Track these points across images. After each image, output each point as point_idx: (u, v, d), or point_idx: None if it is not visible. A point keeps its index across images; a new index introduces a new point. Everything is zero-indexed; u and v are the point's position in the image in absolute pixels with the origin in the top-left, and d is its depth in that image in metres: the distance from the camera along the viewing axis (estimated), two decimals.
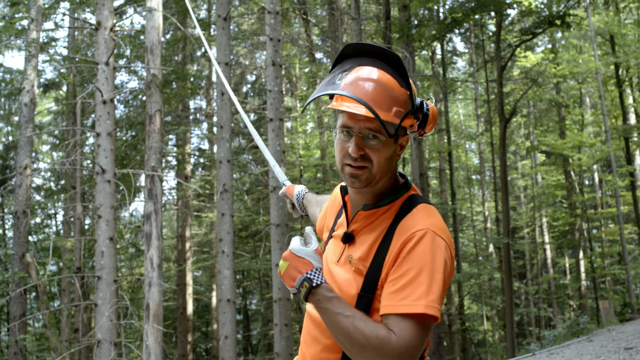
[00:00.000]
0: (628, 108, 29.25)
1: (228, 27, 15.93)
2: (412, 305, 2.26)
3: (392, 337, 2.23)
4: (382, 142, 2.45)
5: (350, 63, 2.53)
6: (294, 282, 2.38)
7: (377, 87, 2.43)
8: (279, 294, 15.08)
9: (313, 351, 2.61)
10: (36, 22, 18.22)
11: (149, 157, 12.84)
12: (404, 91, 2.47)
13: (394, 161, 2.56)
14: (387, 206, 2.56)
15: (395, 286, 2.33)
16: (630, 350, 11.48)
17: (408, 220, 2.45)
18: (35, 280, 16.19)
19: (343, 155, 2.51)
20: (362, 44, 2.50)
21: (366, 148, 2.46)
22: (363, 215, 2.59)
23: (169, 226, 38.23)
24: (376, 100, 2.40)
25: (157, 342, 12.07)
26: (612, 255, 33.92)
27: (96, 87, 12.69)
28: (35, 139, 31.03)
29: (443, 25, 20.31)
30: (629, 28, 26.07)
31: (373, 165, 2.47)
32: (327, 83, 2.51)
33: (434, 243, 2.37)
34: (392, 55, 2.44)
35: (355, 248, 2.57)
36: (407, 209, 2.51)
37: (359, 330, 2.25)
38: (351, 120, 2.46)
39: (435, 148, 32.10)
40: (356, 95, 2.37)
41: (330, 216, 2.93)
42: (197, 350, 33.22)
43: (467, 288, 30.69)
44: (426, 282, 2.29)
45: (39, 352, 28.14)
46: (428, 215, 2.47)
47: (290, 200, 3.50)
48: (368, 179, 2.49)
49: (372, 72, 2.47)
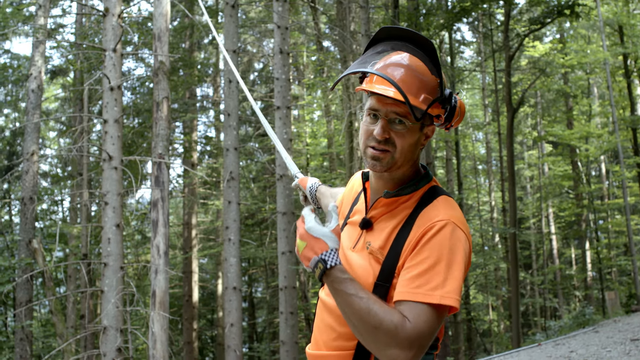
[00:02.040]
0: (636, 99, 29.20)
1: (236, 15, 15.90)
2: (428, 295, 2.26)
3: (407, 324, 2.22)
4: (407, 128, 2.46)
5: (383, 46, 2.54)
6: (309, 262, 2.34)
7: (408, 71, 2.45)
8: (285, 282, 15.10)
9: (326, 338, 2.59)
10: (44, 9, 18.19)
11: (156, 144, 12.84)
12: (435, 78, 2.48)
13: (418, 149, 2.56)
14: (408, 195, 2.56)
15: (412, 273, 2.33)
16: (637, 341, 11.48)
17: (429, 210, 2.46)
18: (42, 266, 16.23)
19: (367, 137, 2.52)
20: (396, 28, 2.49)
21: (391, 132, 2.47)
22: (383, 202, 2.59)
23: (176, 214, 38.28)
24: (406, 83, 2.42)
25: (162, 329, 12.09)
26: (618, 247, 33.87)
27: (103, 73, 12.68)
28: (43, 125, 31.09)
29: (451, 14, 20.24)
30: (638, 18, 25.99)
31: (396, 150, 2.47)
32: (359, 63, 2.53)
33: (454, 234, 2.37)
34: (426, 41, 2.43)
35: (373, 235, 2.56)
36: (429, 199, 2.51)
37: (373, 312, 2.22)
38: (379, 103, 2.47)
39: (442, 137, 32.06)
40: (387, 76, 2.37)
41: (346, 204, 2.93)
42: (203, 338, 33.28)
43: (473, 278, 30.66)
44: (443, 272, 2.29)
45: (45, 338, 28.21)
46: (449, 207, 2.47)
47: (303, 192, 3.48)
48: (389, 163, 2.49)
49: (404, 57, 2.50)
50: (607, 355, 10.72)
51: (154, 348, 11.96)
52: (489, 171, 37.26)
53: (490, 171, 37.15)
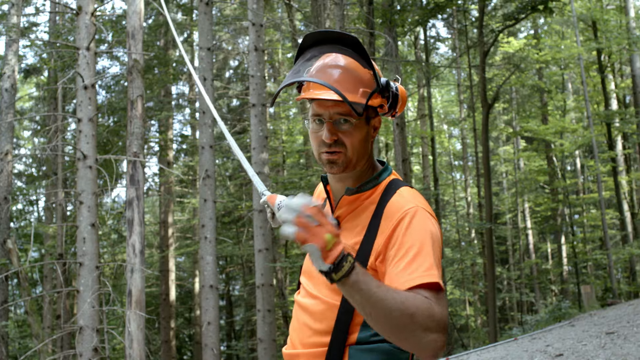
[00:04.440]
0: (610, 94, 29.39)
1: (210, 12, 15.85)
2: (429, 275, 2.24)
3: (435, 306, 2.18)
4: (353, 125, 2.48)
5: (312, 52, 2.56)
6: (335, 259, 2.11)
7: (341, 70, 2.48)
8: (262, 279, 15.10)
9: (302, 336, 2.59)
10: (17, 7, 18.07)
11: (131, 142, 12.78)
12: (367, 71, 2.51)
13: (369, 143, 2.59)
14: (370, 190, 2.58)
15: (404, 262, 2.30)
16: (612, 334, 11.56)
17: (395, 201, 2.47)
18: (17, 266, 16.11)
19: (318, 143, 2.54)
20: (319, 32, 2.52)
21: (339, 133, 2.49)
22: (347, 200, 2.61)
23: (152, 212, 38.17)
24: (341, 83, 2.44)
25: (139, 329, 12.04)
26: (593, 241, 34.08)
27: (77, 72, 12.60)
28: (17, 124, 30.87)
29: (426, 10, 20.32)
30: (611, 14, 26.18)
31: (347, 149, 2.49)
32: (293, 73, 2.55)
33: (426, 220, 2.40)
34: (351, 38, 2.45)
35: (343, 234, 2.55)
36: (392, 191, 2.53)
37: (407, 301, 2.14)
38: (320, 107, 2.50)
39: (418, 134, 32.15)
40: (322, 80, 2.40)
41: None
42: (180, 336, 33.22)
43: (450, 273, 30.76)
44: (430, 255, 2.30)
45: (21, 338, 28.07)
46: (414, 196, 2.50)
47: (271, 209, 3.49)
48: (345, 163, 2.51)
49: (334, 57, 2.52)
50: (583, 349, 10.79)
51: (130, 347, 11.91)
52: (465, 167, 37.41)
53: (466, 167, 37.30)
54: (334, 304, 2.48)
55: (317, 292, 2.58)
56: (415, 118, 33.57)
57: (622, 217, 27.86)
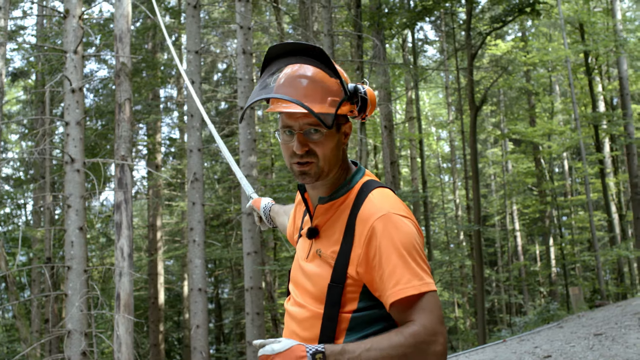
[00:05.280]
0: (597, 96, 29.49)
1: (198, 15, 15.85)
2: (405, 289, 2.31)
3: (414, 328, 2.28)
4: (323, 135, 2.50)
5: (277, 64, 2.57)
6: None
7: (307, 82, 2.49)
8: (251, 282, 15.08)
9: None
10: (4, 10, 17.98)
11: (119, 146, 12.75)
12: (334, 80, 2.51)
13: (341, 150, 2.61)
14: (343, 197, 2.60)
15: (386, 274, 2.37)
16: (600, 336, 11.59)
17: (365, 208, 2.49)
18: (5, 270, 16.06)
19: (289, 154, 2.57)
20: (283, 44, 2.53)
21: (310, 143, 2.51)
22: (322, 209, 2.64)
23: (140, 215, 38.09)
24: (308, 94, 2.45)
25: (128, 332, 12.02)
26: (581, 242, 34.16)
27: (65, 75, 12.57)
28: (4, 128, 30.75)
29: (413, 13, 20.35)
30: (598, 16, 26.29)
31: (319, 158, 2.51)
32: (260, 87, 2.56)
33: (398, 224, 2.41)
34: (314, 48, 2.47)
35: (322, 242, 2.60)
36: (362, 197, 2.54)
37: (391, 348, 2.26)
38: (290, 119, 2.51)
39: (406, 136, 32.19)
40: (287, 95, 2.42)
41: (298, 218, 2.97)
42: (169, 340, 33.15)
43: (439, 276, 30.81)
44: (411, 263, 2.35)
45: (9, 342, 28.00)
46: (383, 199, 2.51)
47: (257, 213, 3.51)
48: (317, 173, 2.54)
49: (300, 68, 2.53)
50: (571, 350, 10.82)
51: (119, 351, 11.88)
52: (453, 169, 37.49)
53: (454, 169, 37.38)
54: (318, 312, 2.52)
55: (302, 300, 2.62)
56: (404, 121, 33.62)
57: (610, 218, 27.96)
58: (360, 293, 2.47)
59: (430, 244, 28.36)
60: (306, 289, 2.59)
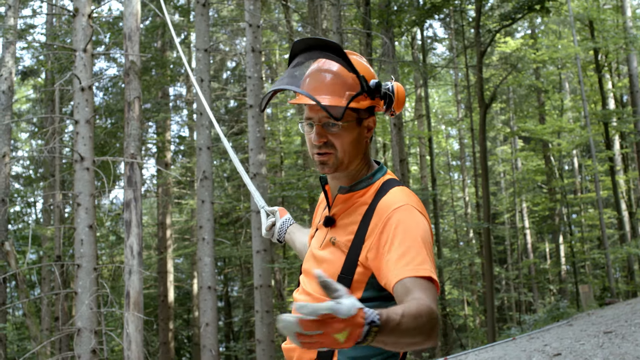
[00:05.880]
0: (607, 93, 29.38)
1: (207, 13, 15.87)
2: (422, 269, 2.31)
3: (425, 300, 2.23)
4: (341, 128, 2.56)
5: (300, 58, 2.64)
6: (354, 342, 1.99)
7: (326, 76, 2.58)
8: (260, 280, 15.09)
9: None
10: (14, 9, 18.03)
11: (128, 144, 12.76)
12: (352, 75, 2.55)
13: (362, 144, 2.65)
14: (363, 189, 2.64)
15: (396, 255, 2.36)
16: (610, 334, 11.56)
17: (386, 200, 2.53)
18: (15, 268, 16.09)
19: (311, 145, 2.63)
20: (307, 39, 2.58)
21: (328, 135, 2.57)
22: (341, 198, 2.67)
23: (150, 214, 38.13)
24: (323, 88, 2.54)
25: (137, 330, 12.03)
26: (591, 240, 34.09)
27: (74, 74, 12.59)
28: (14, 126, 30.83)
29: (422, 10, 20.31)
30: (608, 13, 26.19)
31: (337, 150, 2.57)
32: (288, 77, 2.64)
33: (415, 215, 2.46)
34: (333, 44, 2.50)
35: (337, 231, 2.64)
36: (384, 191, 2.58)
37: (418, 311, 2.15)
38: (311, 111, 2.59)
39: (415, 134, 32.14)
40: (303, 90, 2.52)
41: (317, 215, 3.01)
42: (179, 338, 33.18)
43: (448, 273, 30.77)
44: (422, 250, 2.36)
45: (20, 341, 28.04)
46: (405, 195, 2.55)
47: (273, 220, 3.48)
48: (335, 164, 2.60)
49: (324, 63, 2.62)
50: (581, 348, 10.79)
51: (128, 349, 11.90)
52: (463, 167, 37.41)
53: (463, 167, 37.29)
54: (323, 299, 2.49)
55: (310, 288, 2.66)
56: (413, 118, 33.58)
57: (620, 216, 27.87)
58: (366, 283, 2.51)
59: (440, 241, 28.32)
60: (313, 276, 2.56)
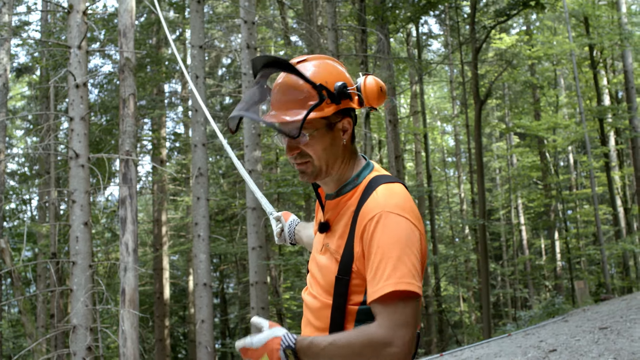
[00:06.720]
0: (602, 89, 29.43)
1: (202, 10, 15.84)
2: (381, 289, 2.32)
3: (372, 329, 2.31)
4: (311, 137, 2.55)
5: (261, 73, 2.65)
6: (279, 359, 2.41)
7: (285, 92, 2.54)
8: (256, 277, 15.10)
9: (306, 332, 2.68)
10: (8, 6, 18.03)
11: (123, 141, 12.75)
12: (308, 86, 2.51)
13: (339, 147, 2.62)
14: (350, 192, 2.63)
15: (369, 276, 2.40)
16: (605, 330, 11.58)
17: (367, 206, 2.50)
18: (10, 266, 16.07)
19: (288, 156, 2.65)
20: (259, 59, 2.60)
21: (301, 146, 2.57)
22: (331, 204, 2.69)
23: (145, 211, 38.13)
24: (282, 105, 2.53)
25: (133, 327, 12.03)
26: (587, 236, 34.18)
27: (69, 71, 12.57)
28: (9, 123, 30.80)
29: (417, 7, 20.30)
30: (603, 9, 26.19)
31: (313, 158, 2.57)
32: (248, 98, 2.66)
33: (389, 223, 2.41)
34: (281, 62, 2.51)
35: (331, 236, 2.66)
36: (368, 193, 2.55)
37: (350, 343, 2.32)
38: None
39: (410, 130, 32.16)
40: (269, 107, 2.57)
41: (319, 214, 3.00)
42: (175, 335, 33.19)
43: (444, 270, 30.82)
44: (391, 262, 2.34)
45: (15, 338, 28.05)
46: (387, 196, 2.50)
47: (281, 225, 3.50)
48: (314, 172, 2.60)
49: (281, 79, 2.58)
50: (576, 344, 10.80)
51: (124, 346, 11.90)
52: (458, 163, 37.43)
53: (459, 163, 37.32)
54: (328, 303, 2.57)
55: (315, 291, 2.67)
56: (408, 115, 33.60)
57: (615, 212, 27.89)
58: (365, 287, 2.49)
59: (435, 238, 28.35)
60: (317, 280, 2.65)
